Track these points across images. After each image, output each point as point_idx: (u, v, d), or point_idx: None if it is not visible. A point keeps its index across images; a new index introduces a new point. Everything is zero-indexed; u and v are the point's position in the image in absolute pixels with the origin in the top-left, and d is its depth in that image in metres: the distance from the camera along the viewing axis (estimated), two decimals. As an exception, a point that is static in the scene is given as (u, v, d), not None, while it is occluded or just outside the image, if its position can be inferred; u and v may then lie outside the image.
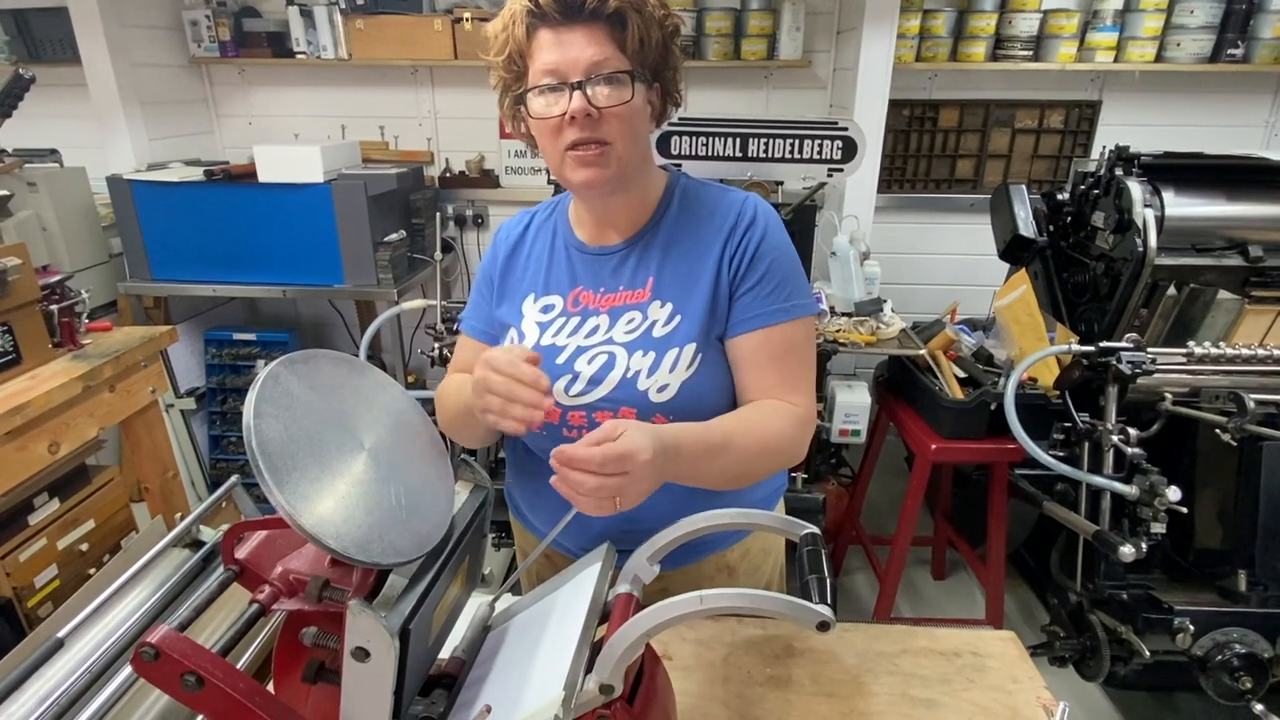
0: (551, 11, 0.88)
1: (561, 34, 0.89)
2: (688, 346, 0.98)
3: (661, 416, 0.97)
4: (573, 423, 1.01)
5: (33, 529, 1.75)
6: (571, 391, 1.00)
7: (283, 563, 0.66)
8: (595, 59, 0.89)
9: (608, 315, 1.02)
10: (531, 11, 0.89)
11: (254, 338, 3.25)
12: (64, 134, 3.06)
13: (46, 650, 0.74)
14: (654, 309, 1.00)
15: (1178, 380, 1.83)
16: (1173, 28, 2.86)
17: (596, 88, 0.89)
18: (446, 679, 0.76)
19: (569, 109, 0.89)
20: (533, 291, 1.07)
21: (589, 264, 1.05)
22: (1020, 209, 2.33)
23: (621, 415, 0.98)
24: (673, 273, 1.01)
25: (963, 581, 2.76)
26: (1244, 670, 1.70)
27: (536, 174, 3.32)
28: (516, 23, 0.91)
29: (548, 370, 1.00)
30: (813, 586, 0.67)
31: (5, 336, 1.67)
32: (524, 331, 1.05)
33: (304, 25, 3.05)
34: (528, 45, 0.92)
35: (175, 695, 0.58)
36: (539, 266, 1.08)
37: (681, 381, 0.97)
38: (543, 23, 0.90)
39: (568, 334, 1.02)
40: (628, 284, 1.02)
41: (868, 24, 2.63)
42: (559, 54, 0.89)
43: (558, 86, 0.90)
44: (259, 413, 0.56)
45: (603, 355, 1.00)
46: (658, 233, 1.03)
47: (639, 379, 0.97)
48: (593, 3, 0.87)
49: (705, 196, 1.05)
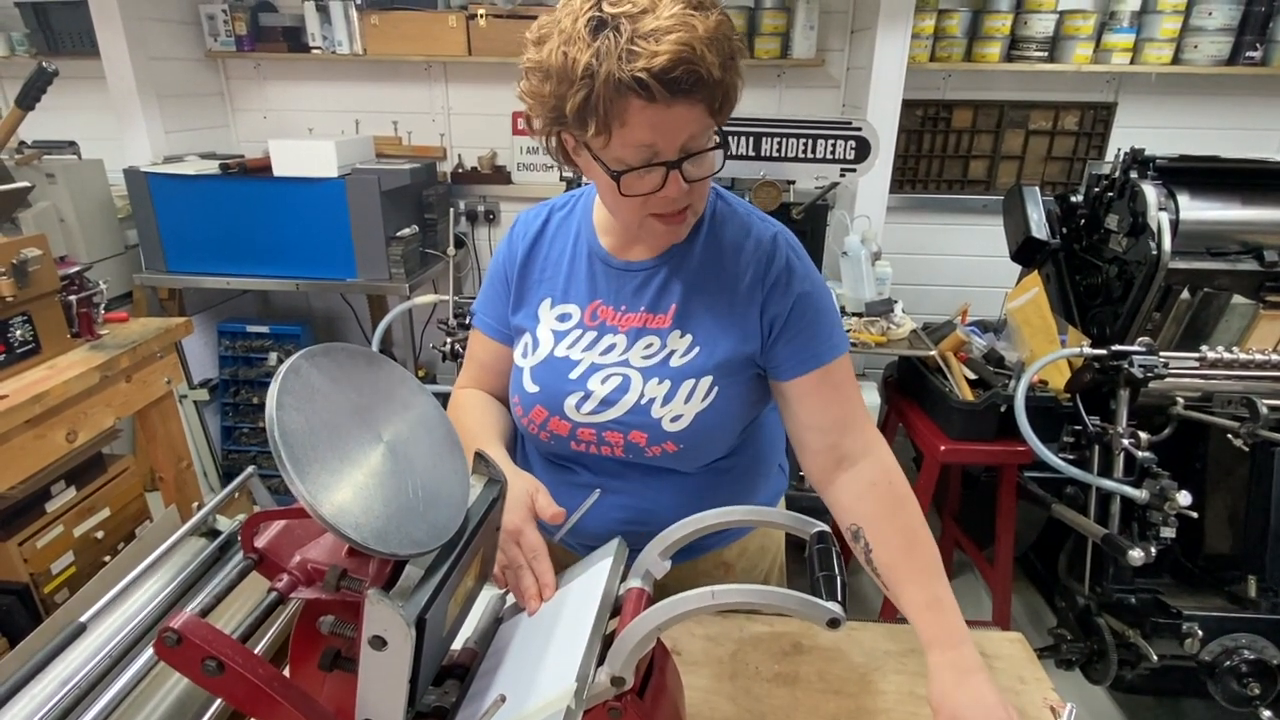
0: (659, 93, 0.77)
1: (662, 110, 0.79)
2: (704, 379, 0.97)
3: (672, 444, 0.97)
4: (582, 438, 1.01)
5: (50, 516, 1.77)
6: (583, 410, 0.99)
7: (301, 552, 0.67)
8: (692, 134, 0.83)
9: (625, 336, 1.00)
10: (633, 87, 0.77)
11: (267, 330, 3.27)
12: (82, 126, 3.09)
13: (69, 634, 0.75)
14: (674, 338, 0.98)
15: (1190, 385, 1.82)
16: (1190, 30, 2.84)
17: (691, 165, 0.85)
18: (459, 669, 0.77)
19: (665, 190, 0.85)
20: (550, 296, 1.05)
21: (612, 277, 1.02)
22: (1033, 211, 2.32)
23: (632, 438, 0.98)
24: (697, 305, 0.99)
25: (970, 583, 2.76)
26: (1252, 676, 1.69)
27: (549, 170, 3.33)
28: (608, 86, 0.77)
29: (559, 383, 1.00)
30: (823, 583, 0.68)
31: (25, 326, 1.69)
32: (539, 338, 1.03)
33: (319, 20, 3.06)
34: (617, 113, 0.80)
35: (196, 680, 0.59)
36: (557, 269, 1.05)
37: (696, 413, 0.97)
38: (641, 97, 0.78)
39: (583, 348, 1.01)
40: (650, 306, 1.00)
41: (882, 23, 2.62)
42: (657, 133, 0.81)
43: (651, 166, 0.84)
44: (281, 404, 0.57)
45: (617, 377, 0.98)
46: (686, 258, 1.00)
47: (653, 406, 0.97)
48: (703, 89, 0.80)
49: (734, 225, 1.01)
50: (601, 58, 0.77)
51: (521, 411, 1.04)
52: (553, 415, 1.01)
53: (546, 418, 1.01)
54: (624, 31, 0.76)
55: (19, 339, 1.67)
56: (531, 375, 1.03)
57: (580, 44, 0.78)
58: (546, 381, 1.01)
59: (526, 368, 1.03)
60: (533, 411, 1.02)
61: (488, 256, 3.51)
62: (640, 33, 0.76)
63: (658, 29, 0.76)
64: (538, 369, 1.02)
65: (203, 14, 3.12)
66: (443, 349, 2.23)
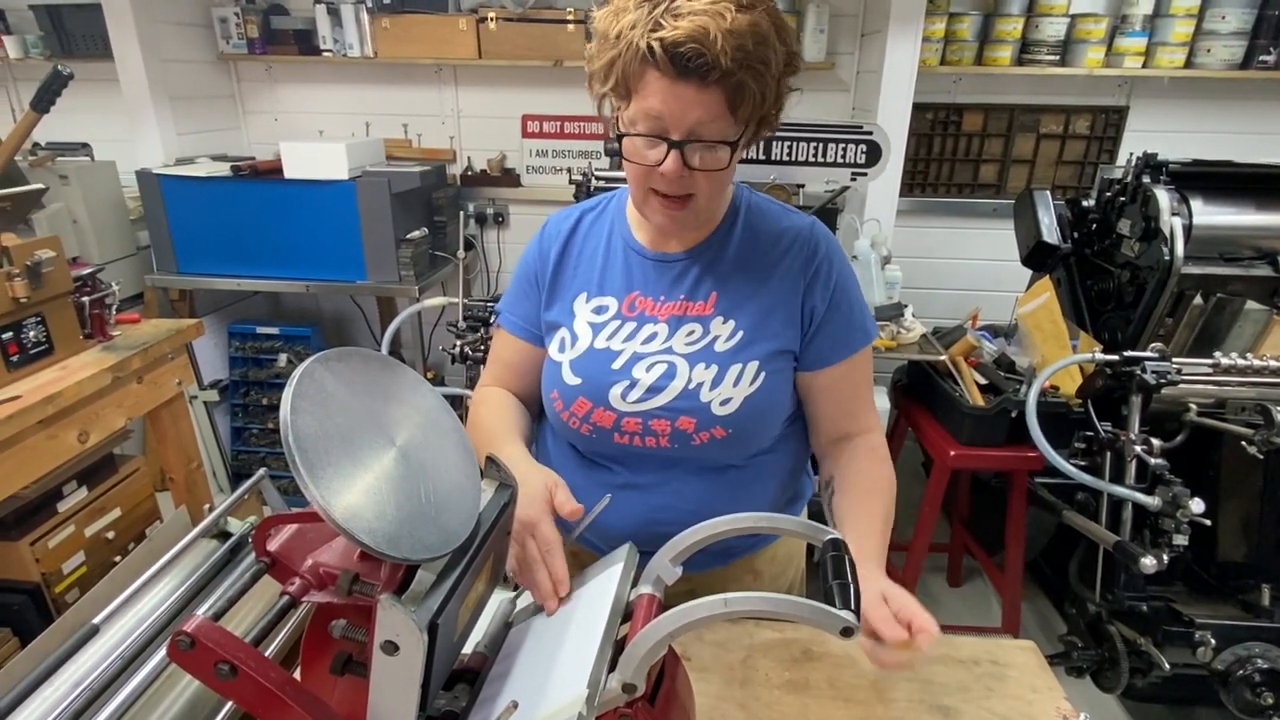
0: (667, 68, 0.81)
1: (673, 86, 0.83)
2: (750, 364, 0.97)
3: (721, 429, 0.97)
4: (626, 428, 1.00)
5: (61, 516, 1.79)
6: (629, 398, 0.98)
7: (313, 556, 0.67)
8: (701, 120, 0.84)
9: (666, 324, 1.00)
10: (646, 56, 0.82)
11: (277, 332, 3.28)
12: (95, 128, 3.12)
13: (82, 635, 0.76)
14: (716, 324, 0.99)
15: (1203, 391, 1.81)
16: (1203, 33, 2.82)
17: (694, 151, 0.86)
18: (469, 674, 0.77)
19: (662, 164, 0.87)
20: (585, 291, 1.04)
21: (648, 269, 1.02)
22: (1044, 215, 2.31)
23: (680, 425, 0.97)
24: (737, 292, 1.00)
25: (979, 589, 2.74)
26: (1266, 686, 1.68)
27: (558, 173, 3.33)
28: (631, 53, 0.83)
29: (602, 373, 1.00)
30: (836, 592, 0.67)
31: (39, 327, 1.70)
32: (576, 333, 1.03)
33: (331, 23, 3.08)
34: (636, 79, 0.85)
35: (208, 683, 0.59)
36: (591, 265, 1.05)
37: (745, 396, 0.97)
38: (656, 68, 0.82)
39: (623, 339, 1.00)
40: (688, 295, 1.00)
41: (893, 26, 2.61)
42: (665, 106, 0.84)
43: (655, 139, 0.86)
44: (295, 408, 0.57)
45: (662, 364, 0.98)
46: (724, 248, 1.01)
47: (701, 390, 0.97)
48: (714, 74, 0.81)
49: (770, 216, 1.03)
50: (635, 25, 0.82)
51: (562, 405, 1.02)
52: (597, 406, 1.00)
53: (590, 409, 1.00)
54: (661, 6, 0.82)
55: (32, 340, 1.68)
56: (572, 368, 1.02)
57: (625, 11, 0.84)
58: (589, 373, 1.00)
59: (565, 361, 1.02)
60: (575, 404, 1.01)
61: (497, 259, 3.52)
62: (673, 10, 0.81)
63: (691, 10, 0.81)
64: (578, 361, 1.01)
65: (215, 17, 3.15)
66: (452, 351, 2.23)
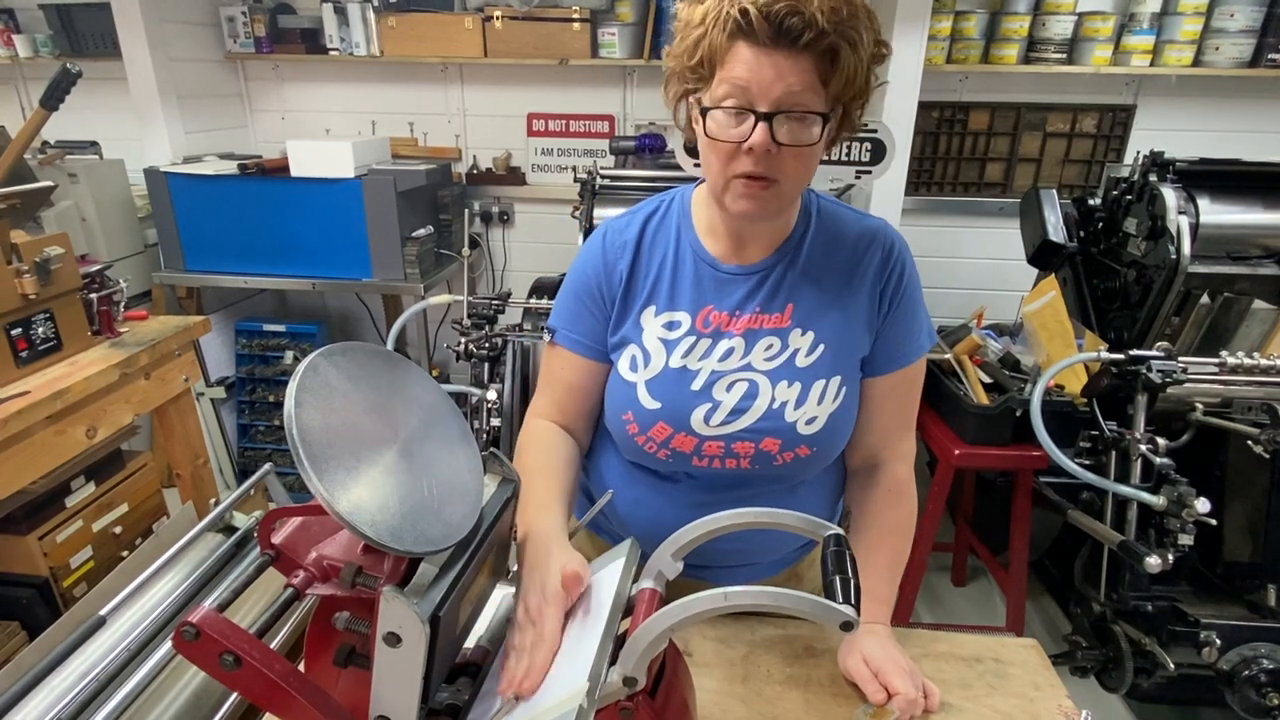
0: (761, 31, 0.77)
1: (763, 54, 0.78)
2: (834, 379, 0.94)
3: (805, 448, 0.95)
4: (707, 452, 0.95)
5: (69, 511, 1.80)
6: (712, 421, 0.94)
7: (317, 549, 0.67)
8: (791, 90, 0.79)
9: (743, 338, 0.95)
10: (738, 22, 0.78)
11: (283, 329, 3.30)
12: (103, 126, 3.14)
13: (90, 627, 0.76)
14: (795, 337, 0.95)
15: (1209, 390, 1.80)
16: (1211, 31, 2.80)
17: (782, 124, 0.81)
18: (471, 667, 0.77)
19: (749, 140, 0.81)
20: (653, 304, 0.98)
21: (722, 282, 0.96)
22: (1050, 214, 2.30)
23: (764, 446, 0.94)
24: (815, 301, 0.95)
25: (983, 588, 2.73)
26: (1271, 686, 1.67)
27: (563, 172, 3.34)
28: (719, 26, 0.79)
29: (682, 396, 0.94)
30: (837, 586, 0.68)
31: (47, 324, 1.71)
32: (648, 350, 0.97)
33: (337, 22, 3.09)
34: (723, 52, 0.81)
35: (213, 674, 0.60)
36: (660, 276, 0.98)
37: (829, 414, 0.94)
38: (746, 38, 0.79)
39: (699, 357, 0.95)
40: (764, 307, 0.95)
41: (898, 25, 2.61)
42: (752, 75, 0.79)
43: (743, 112, 0.81)
44: (299, 402, 0.58)
45: (743, 383, 0.94)
46: (798, 255, 0.96)
47: (786, 410, 0.93)
48: (809, 35, 0.76)
49: (842, 220, 0.98)
50: (720, 4, 0.80)
51: (637, 429, 0.97)
52: (678, 432, 0.95)
53: (670, 435, 0.96)
54: None
55: (41, 336, 1.70)
56: (649, 390, 0.96)
57: (711, 7, 0.81)
58: (668, 396, 0.95)
59: (640, 382, 0.97)
60: (653, 429, 0.96)
61: (502, 257, 3.53)
62: None
63: None
64: (654, 383, 0.96)
65: (223, 16, 3.16)
66: (457, 349, 2.23)
